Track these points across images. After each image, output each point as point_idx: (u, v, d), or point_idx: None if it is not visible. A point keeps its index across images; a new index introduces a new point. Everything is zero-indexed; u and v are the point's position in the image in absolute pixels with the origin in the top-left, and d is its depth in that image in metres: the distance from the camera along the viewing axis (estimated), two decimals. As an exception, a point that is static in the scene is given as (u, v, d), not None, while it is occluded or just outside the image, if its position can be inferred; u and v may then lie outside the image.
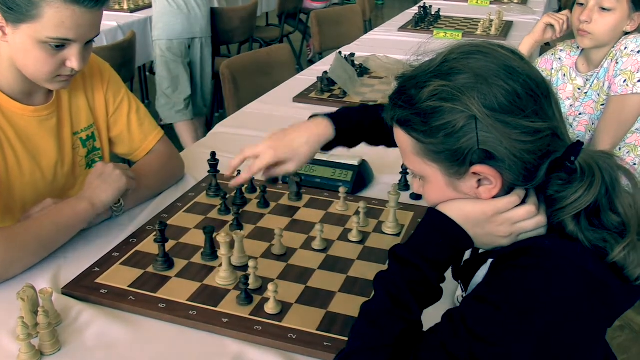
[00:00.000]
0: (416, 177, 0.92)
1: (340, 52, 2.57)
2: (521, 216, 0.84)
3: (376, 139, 1.25)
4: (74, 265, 1.22)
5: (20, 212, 1.34)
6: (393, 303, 0.83)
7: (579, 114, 2.05)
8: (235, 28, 4.10)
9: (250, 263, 1.14)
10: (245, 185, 1.51)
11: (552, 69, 2.13)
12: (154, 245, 1.23)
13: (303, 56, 5.68)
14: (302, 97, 2.28)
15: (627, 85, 1.88)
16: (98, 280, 1.17)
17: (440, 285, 0.87)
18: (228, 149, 1.77)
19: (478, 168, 0.82)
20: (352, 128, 1.22)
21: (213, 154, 1.51)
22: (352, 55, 2.63)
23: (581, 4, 1.95)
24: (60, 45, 1.22)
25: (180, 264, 1.23)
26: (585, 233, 0.81)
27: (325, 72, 2.34)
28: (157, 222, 1.22)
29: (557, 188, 0.83)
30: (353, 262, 1.25)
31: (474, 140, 0.80)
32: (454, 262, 0.92)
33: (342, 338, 1.01)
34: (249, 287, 1.12)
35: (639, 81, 1.86)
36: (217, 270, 1.20)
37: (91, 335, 1.05)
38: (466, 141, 0.80)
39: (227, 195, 1.44)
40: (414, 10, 3.94)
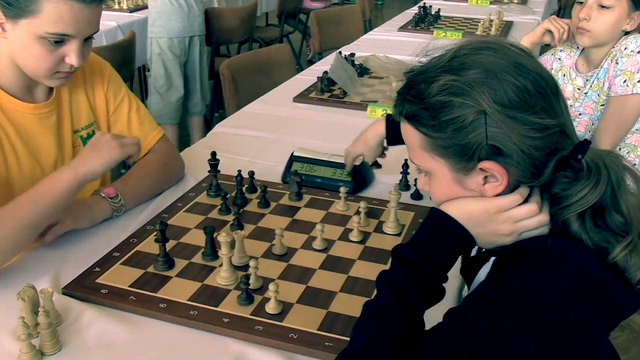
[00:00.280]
0: (422, 173, 0.92)
1: (340, 52, 2.57)
2: (523, 214, 0.84)
3: None
4: (75, 265, 1.22)
5: None
6: (396, 302, 0.83)
7: (579, 114, 2.05)
8: (235, 28, 4.10)
9: (251, 263, 1.13)
10: (246, 186, 1.51)
11: (552, 69, 2.13)
12: (154, 245, 1.23)
13: (302, 56, 5.68)
14: (302, 97, 2.28)
15: (627, 85, 1.88)
16: (98, 280, 1.17)
17: (442, 285, 0.87)
18: (228, 148, 1.78)
19: (485, 164, 0.82)
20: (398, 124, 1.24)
21: (213, 154, 1.51)
22: (352, 55, 2.63)
23: (580, 2, 1.95)
24: (59, 41, 1.22)
25: (180, 263, 1.23)
26: (590, 233, 0.81)
27: (326, 72, 2.34)
28: (157, 222, 1.22)
29: (563, 186, 0.83)
30: (354, 262, 1.25)
31: (482, 136, 0.80)
32: (463, 260, 0.92)
33: (344, 338, 1.01)
34: (250, 287, 1.12)
35: (639, 81, 1.86)
36: (217, 270, 1.20)
37: (92, 335, 1.05)
38: (475, 136, 0.80)
39: (228, 195, 1.44)
40: (414, 10, 3.93)
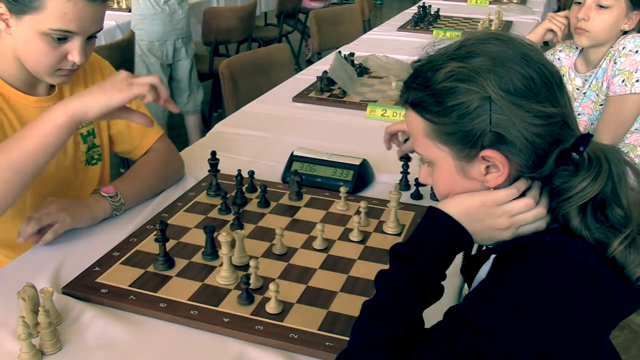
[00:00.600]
0: (425, 164, 0.92)
1: (340, 52, 2.57)
2: (520, 208, 0.85)
3: None
4: (75, 265, 1.22)
5: (20, 200, 1.34)
6: (394, 300, 0.83)
7: (578, 114, 2.05)
8: (234, 27, 4.10)
9: (251, 263, 1.13)
10: (246, 185, 1.51)
11: (552, 68, 2.13)
12: (154, 244, 1.23)
13: (302, 56, 5.68)
14: (302, 97, 2.28)
15: (626, 85, 1.88)
16: (99, 280, 1.17)
17: (441, 283, 0.87)
18: (228, 148, 1.78)
19: (488, 152, 0.82)
20: None
21: (213, 153, 1.51)
22: (352, 54, 2.63)
23: (579, 3, 1.95)
24: (63, 38, 1.22)
25: (180, 263, 1.23)
26: (590, 228, 0.81)
27: (325, 72, 2.34)
28: (157, 221, 1.22)
29: (564, 179, 0.83)
30: (354, 261, 1.25)
31: (486, 122, 0.81)
32: (464, 259, 0.92)
33: (344, 338, 1.01)
34: (250, 286, 1.12)
35: (637, 81, 1.86)
36: (217, 269, 1.20)
37: (92, 334, 1.05)
38: (479, 122, 0.81)
39: (228, 195, 1.44)
40: (413, 10, 3.94)
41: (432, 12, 3.75)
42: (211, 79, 4.08)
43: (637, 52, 1.87)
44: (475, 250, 0.99)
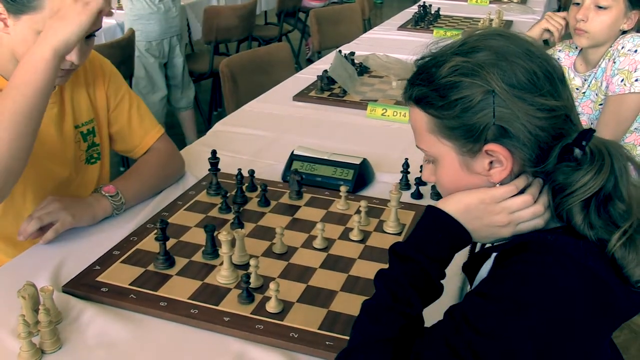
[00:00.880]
0: (428, 162, 0.92)
1: (340, 51, 2.57)
2: (518, 205, 0.85)
3: None
4: (75, 264, 1.22)
5: (20, 198, 1.34)
6: (394, 299, 0.83)
7: (577, 114, 2.05)
8: (234, 26, 4.09)
9: (252, 262, 1.13)
10: (246, 184, 1.51)
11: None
12: (154, 243, 1.23)
13: (302, 55, 5.68)
14: (302, 96, 2.28)
15: (625, 84, 1.88)
16: (99, 279, 1.17)
17: (440, 282, 0.87)
18: (228, 147, 1.78)
19: (491, 146, 0.82)
20: None
21: (214, 152, 1.51)
22: (352, 54, 2.63)
23: (577, 3, 1.96)
24: None
25: (181, 262, 1.23)
26: (593, 224, 0.81)
27: (325, 71, 2.34)
28: (157, 220, 1.22)
29: (566, 175, 0.83)
30: (354, 261, 1.25)
31: (490, 116, 0.81)
32: (469, 256, 0.92)
33: (344, 337, 1.01)
34: (250, 285, 1.12)
35: (636, 80, 1.86)
36: (218, 268, 1.20)
37: (92, 333, 1.05)
38: (482, 116, 0.81)
39: (228, 194, 1.44)
40: (414, 9, 3.94)
41: (433, 12, 3.76)
42: (211, 77, 4.08)
43: (636, 51, 1.87)
44: (479, 248, 0.99)
